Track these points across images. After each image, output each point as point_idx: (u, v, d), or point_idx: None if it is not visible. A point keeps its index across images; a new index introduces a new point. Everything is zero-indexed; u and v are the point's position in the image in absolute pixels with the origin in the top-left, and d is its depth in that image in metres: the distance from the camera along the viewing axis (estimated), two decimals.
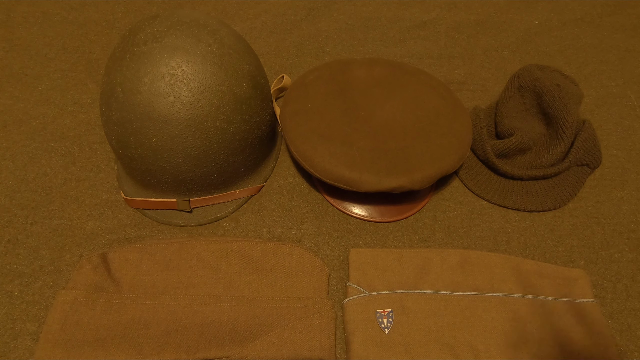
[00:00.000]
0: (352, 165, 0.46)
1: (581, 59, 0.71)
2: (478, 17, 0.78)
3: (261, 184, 0.53)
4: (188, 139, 0.43)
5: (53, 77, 0.65)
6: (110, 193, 0.52)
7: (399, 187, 0.45)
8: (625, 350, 0.42)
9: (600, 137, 0.60)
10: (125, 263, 0.45)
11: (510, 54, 0.72)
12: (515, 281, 0.45)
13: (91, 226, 0.49)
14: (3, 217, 0.50)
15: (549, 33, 0.76)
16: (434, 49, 0.72)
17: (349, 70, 0.56)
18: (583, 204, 0.53)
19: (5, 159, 0.55)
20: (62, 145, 0.57)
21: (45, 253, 0.47)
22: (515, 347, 0.40)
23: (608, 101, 0.65)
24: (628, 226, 0.51)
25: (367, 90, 0.54)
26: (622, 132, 0.61)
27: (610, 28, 0.77)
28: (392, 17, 0.78)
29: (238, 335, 0.40)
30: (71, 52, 0.69)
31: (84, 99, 0.62)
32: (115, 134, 0.44)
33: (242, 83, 0.45)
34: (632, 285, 0.46)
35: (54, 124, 0.59)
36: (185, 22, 0.43)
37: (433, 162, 0.47)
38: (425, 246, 0.48)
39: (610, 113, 0.63)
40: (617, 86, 0.67)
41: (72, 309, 0.41)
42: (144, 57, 0.41)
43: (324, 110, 0.51)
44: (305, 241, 0.49)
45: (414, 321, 0.41)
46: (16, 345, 0.41)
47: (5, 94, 0.63)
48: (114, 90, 0.42)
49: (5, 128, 0.58)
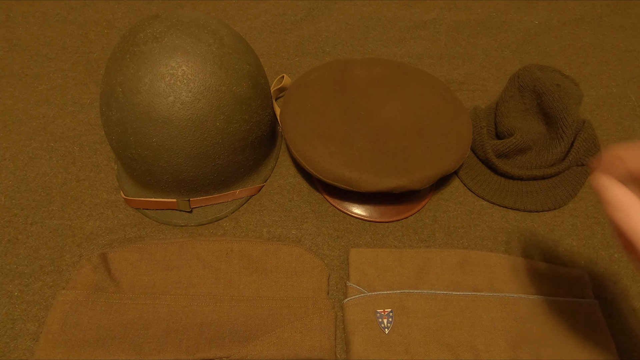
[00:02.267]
0: (352, 165, 0.46)
1: (581, 59, 0.71)
2: (478, 17, 0.78)
3: (261, 184, 0.53)
4: (188, 139, 0.43)
5: (53, 77, 0.65)
6: (110, 193, 0.52)
7: (399, 187, 0.45)
8: (625, 350, 0.42)
9: (600, 137, 0.60)
10: (125, 263, 0.45)
11: (510, 54, 0.72)
12: (515, 281, 0.45)
13: (91, 226, 0.49)
14: (3, 217, 0.50)
15: (549, 33, 0.76)
16: (434, 49, 0.72)
17: (349, 70, 0.56)
18: (583, 204, 0.53)
19: (5, 159, 0.55)
20: (62, 145, 0.57)
21: (45, 253, 0.47)
22: (516, 347, 0.40)
23: (608, 101, 0.65)
24: None
25: (367, 90, 0.54)
26: (622, 132, 0.61)
27: (611, 28, 0.77)
28: (392, 17, 0.78)
29: (238, 335, 0.40)
30: (71, 52, 0.69)
31: (84, 99, 0.62)
32: (115, 134, 0.44)
33: (242, 83, 0.45)
34: (632, 285, 0.46)
35: (54, 124, 0.59)
36: (185, 22, 0.43)
37: (433, 162, 0.47)
38: (425, 246, 0.48)
39: (611, 113, 0.63)
40: (617, 86, 0.67)
41: (72, 309, 0.41)
42: (144, 57, 0.41)
43: (324, 110, 0.51)
44: (305, 241, 0.49)
45: (414, 321, 0.41)
46: (16, 345, 0.41)
47: (5, 94, 0.63)
48: (114, 90, 0.42)
49: (5, 128, 0.58)
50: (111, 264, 0.45)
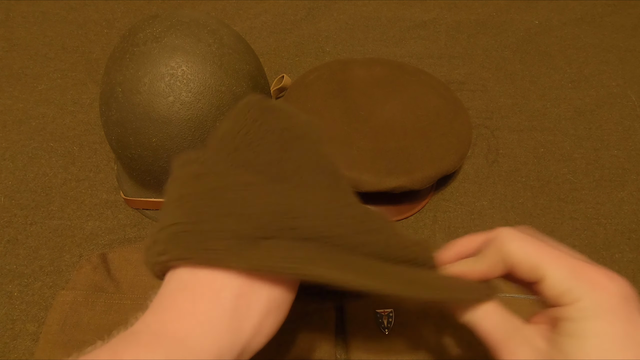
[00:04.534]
0: (352, 165, 0.46)
1: (582, 59, 0.71)
2: (478, 17, 0.78)
3: None
4: (188, 139, 0.43)
5: (52, 77, 0.65)
6: (110, 193, 0.52)
7: (399, 187, 0.45)
8: None
9: (600, 137, 0.60)
10: (125, 263, 0.45)
11: (511, 54, 0.72)
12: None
13: (91, 226, 0.49)
14: (3, 217, 0.50)
15: (549, 33, 0.76)
16: (434, 49, 0.72)
17: (349, 70, 0.56)
18: (583, 206, 0.53)
19: (5, 159, 0.55)
20: (62, 145, 0.57)
21: (45, 253, 0.47)
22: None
23: (608, 101, 0.65)
24: (629, 226, 0.51)
25: (367, 90, 0.54)
26: (622, 132, 0.61)
27: (611, 28, 0.77)
28: (392, 17, 0.78)
29: None
30: (71, 52, 0.69)
31: (83, 99, 0.62)
32: (115, 134, 0.44)
33: (242, 83, 0.45)
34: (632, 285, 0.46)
35: (54, 124, 0.59)
36: (185, 22, 0.43)
37: (433, 162, 0.47)
38: None
39: (611, 113, 0.63)
40: (617, 86, 0.67)
41: (72, 309, 0.41)
42: (144, 57, 0.41)
43: (324, 110, 0.51)
44: None
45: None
46: (16, 346, 0.41)
47: (5, 93, 0.63)
48: (113, 90, 0.42)
49: (5, 128, 0.58)
50: (111, 264, 0.44)
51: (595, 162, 0.57)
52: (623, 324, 0.21)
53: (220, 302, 0.22)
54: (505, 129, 0.61)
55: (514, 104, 0.64)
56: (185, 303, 0.22)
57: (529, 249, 0.24)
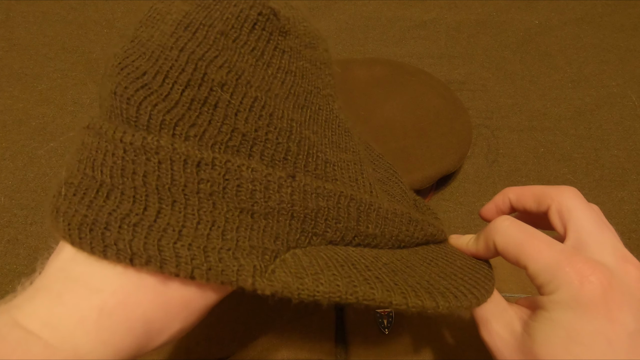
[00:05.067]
0: None
1: (582, 59, 0.71)
2: (478, 17, 0.78)
3: None
4: None
5: (52, 76, 0.65)
6: None
7: None
8: None
9: (600, 137, 0.60)
10: None
11: (511, 53, 0.72)
12: (515, 281, 0.45)
13: None
14: (3, 217, 0.50)
15: (549, 33, 0.76)
16: (434, 49, 0.72)
17: (349, 70, 0.56)
18: None
19: (5, 159, 0.55)
20: (62, 145, 0.57)
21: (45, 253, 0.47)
22: None
23: (609, 101, 0.65)
24: (629, 226, 0.51)
25: (367, 90, 0.54)
26: (622, 132, 0.61)
27: (611, 28, 0.77)
28: (392, 17, 0.78)
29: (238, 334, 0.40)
30: (71, 51, 0.69)
31: (83, 99, 0.62)
32: None
33: None
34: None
35: (54, 124, 0.59)
36: None
37: (433, 162, 0.47)
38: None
39: (611, 113, 0.63)
40: (617, 86, 0.67)
41: None
42: None
43: None
44: None
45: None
46: None
47: (5, 93, 0.63)
48: None
49: (5, 128, 0.58)
50: None
51: (595, 162, 0.57)
52: (597, 319, 0.21)
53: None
54: (505, 128, 0.61)
55: (514, 104, 0.64)
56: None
57: (511, 241, 0.25)
